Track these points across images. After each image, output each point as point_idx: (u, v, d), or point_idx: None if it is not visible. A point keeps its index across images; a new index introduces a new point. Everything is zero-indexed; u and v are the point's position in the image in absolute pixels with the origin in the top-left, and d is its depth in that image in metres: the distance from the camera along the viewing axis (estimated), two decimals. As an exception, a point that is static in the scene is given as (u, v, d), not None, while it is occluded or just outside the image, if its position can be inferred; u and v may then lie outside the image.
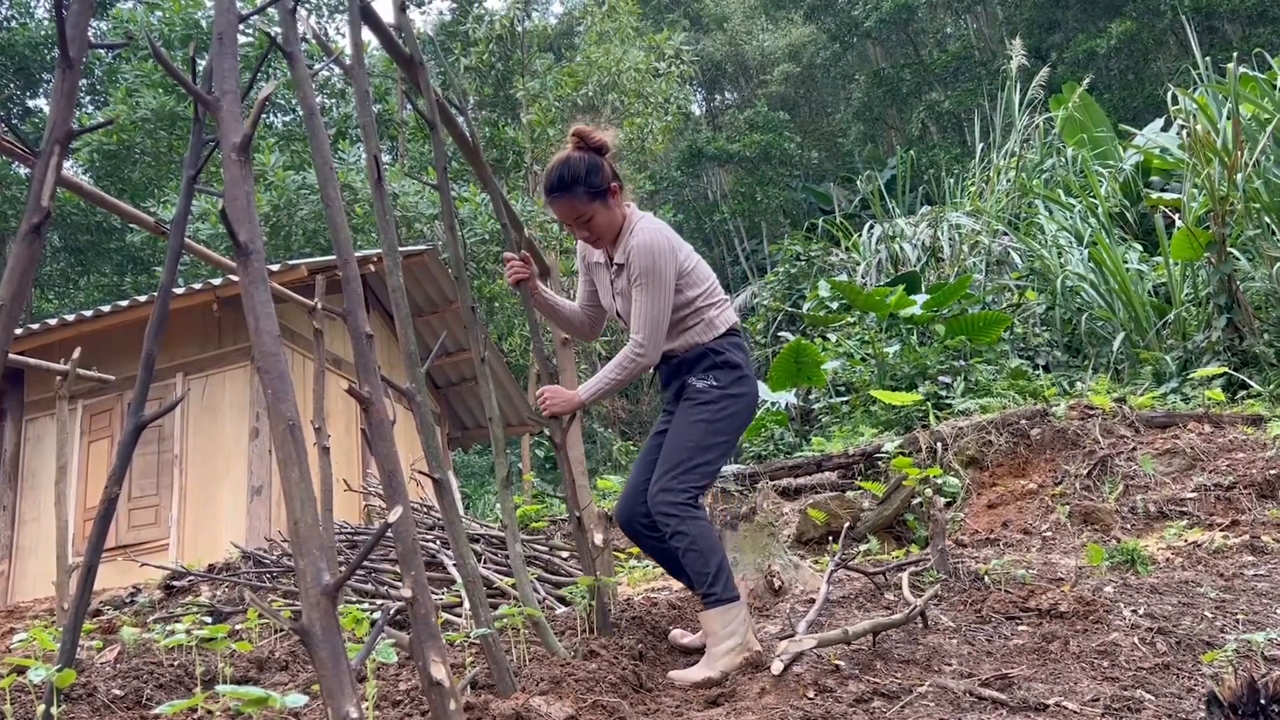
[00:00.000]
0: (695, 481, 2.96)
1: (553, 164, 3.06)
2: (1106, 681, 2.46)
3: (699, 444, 2.98)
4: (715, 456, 3.01)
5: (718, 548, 2.94)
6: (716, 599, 2.87)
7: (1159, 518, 4.93)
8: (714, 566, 2.89)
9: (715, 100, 35.23)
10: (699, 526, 2.91)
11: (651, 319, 2.97)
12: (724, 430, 3.02)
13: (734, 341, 3.12)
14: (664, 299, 2.98)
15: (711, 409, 3.01)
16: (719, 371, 3.05)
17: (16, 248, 1.48)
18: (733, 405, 3.03)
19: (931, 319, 9.57)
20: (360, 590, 4.37)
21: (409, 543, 1.71)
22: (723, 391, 3.03)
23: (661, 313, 2.98)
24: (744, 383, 3.08)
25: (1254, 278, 8.28)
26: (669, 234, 3.07)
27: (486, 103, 19.48)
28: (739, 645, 2.82)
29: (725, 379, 3.04)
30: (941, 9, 29.19)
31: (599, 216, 3.02)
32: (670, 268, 2.99)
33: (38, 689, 2.78)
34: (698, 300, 3.07)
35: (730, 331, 3.12)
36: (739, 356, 3.09)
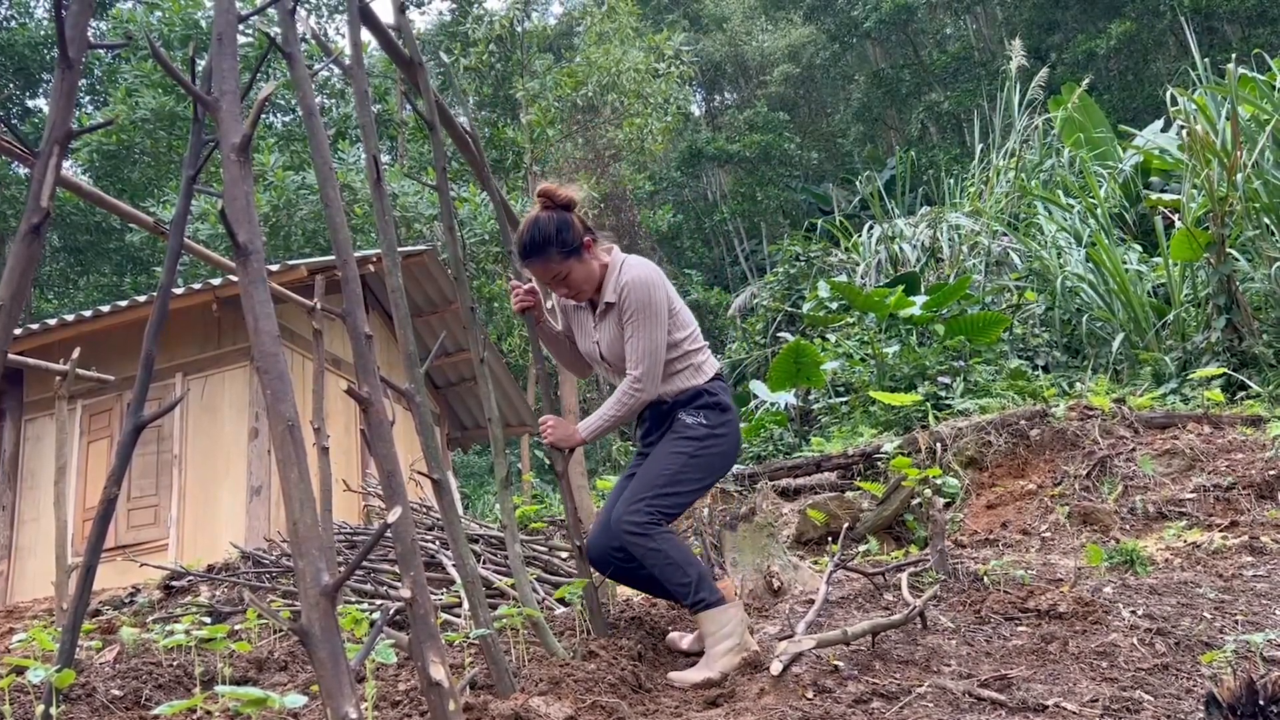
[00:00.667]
0: (663, 507, 2.94)
1: (523, 227, 3.08)
2: (1105, 682, 2.46)
3: (675, 474, 2.97)
4: (688, 490, 3.00)
5: (692, 557, 2.94)
6: (705, 603, 2.87)
7: (1158, 518, 4.93)
8: (693, 575, 2.89)
9: (715, 101, 35.24)
10: (668, 540, 2.91)
11: (649, 352, 2.99)
12: (702, 467, 3.02)
13: (722, 386, 3.14)
14: (659, 331, 3.00)
15: (695, 444, 3.01)
16: (710, 411, 3.06)
17: (16, 248, 1.48)
18: (717, 445, 3.04)
19: (931, 319, 9.57)
20: (359, 590, 4.37)
21: (408, 543, 1.71)
22: (710, 430, 3.03)
23: (658, 345, 3.00)
24: (730, 426, 3.09)
25: (1253, 278, 8.28)
26: (657, 274, 3.08)
27: (486, 103, 19.49)
28: (737, 645, 2.83)
29: (714, 419, 3.05)
30: (941, 9, 29.20)
31: (575, 272, 3.05)
32: (663, 301, 3.03)
33: (37, 689, 2.78)
34: (685, 344, 3.09)
35: (718, 377, 3.14)
36: (728, 400, 3.11)
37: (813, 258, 13.97)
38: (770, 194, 27.23)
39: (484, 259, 15.58)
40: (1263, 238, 8.28)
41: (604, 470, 15.59)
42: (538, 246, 3.02)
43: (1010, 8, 27.26)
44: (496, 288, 15.68)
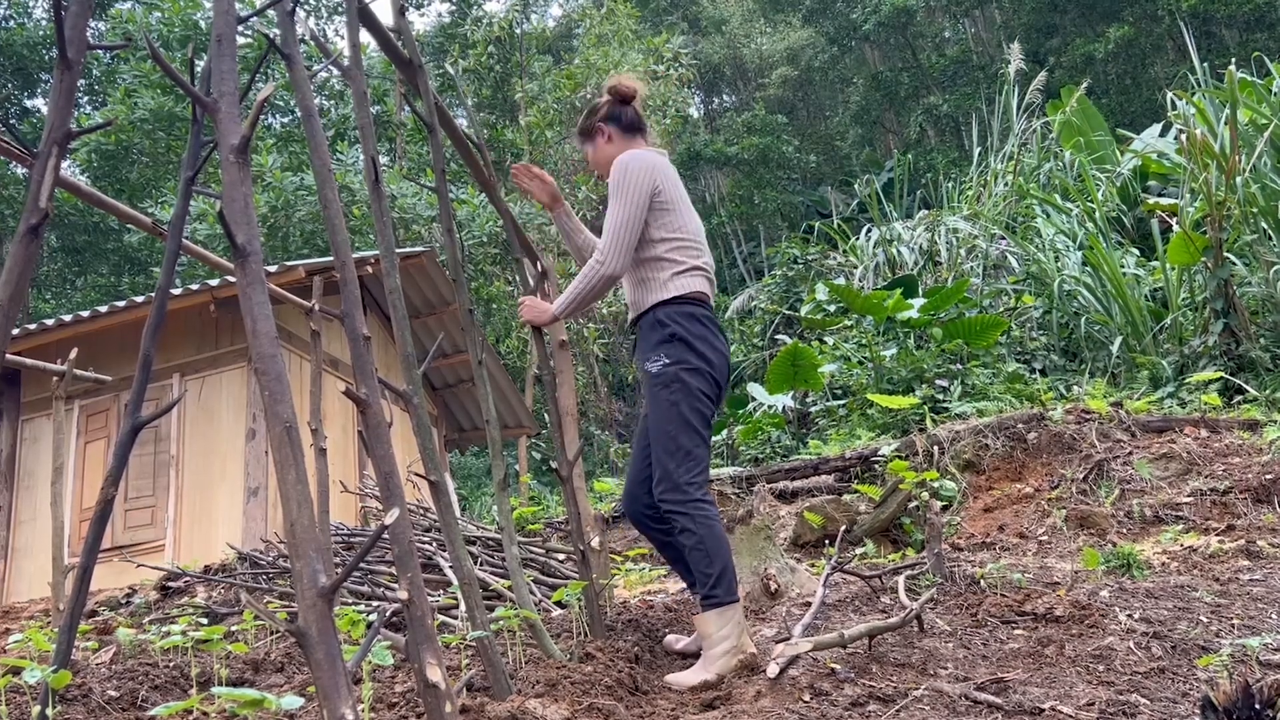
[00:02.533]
0: (691, 467, 2.91)
1: None
2: (1102, 686, 2.46)
3: (676, 430, 2.93)
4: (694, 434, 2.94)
5: (723, 549, 2.88)
6: (717, 601, 2.84)
7: (1155, 522, 4.93)
8: (718, 569, 2.85)
9: (713, 103, 35.25)
10: (707, 525, 2.86)
11: (615, 227, 2.98)
12: (693, 406, 2.95)
13: (685, 311, 3.01)
14: (629, 210, 2.98)
15: (670, 390, 2.94)
16: (667, 347, 2.97)
17: (14, 248, 1.48)
18: (692, 378, 2.95)
19: (928, 322, 9.57)
20: (356, 592, 4.37)
21: (405, 545, 1.71)
22: (677, 368, 2.95)
23: (624, 222, 2.98)
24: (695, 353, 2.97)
25: (1251, 282, 8.29)
26: (654, 160, 3.09)
27: (485, 105, 19.49)
28: (734, 648, 2.80)
29: (675, 353, 2.96)
30: (940, 12, 29.23)
31: (591, 152, 3.31)
32: (642, 183, 3.00)
33: (33, 690, 2.78)
34: (659, 250, 3.04)
35: (683, 300, 3.02)
36: (687, 327, 2.98)
37: (810, 260, 13.98)
38: (768, 196, 27.24)
39: (482, 261, 15.58)
40: (1260, 242, 8.29)
41: (600, 472, 15.58)
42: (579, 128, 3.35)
43: (1009, 11, 27.30)
44: (495, 289, 15.68)
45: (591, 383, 18.37)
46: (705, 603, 2.86)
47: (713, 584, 2.84)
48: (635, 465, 3.18)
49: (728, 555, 2.90)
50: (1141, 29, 23.40)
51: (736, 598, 2.87)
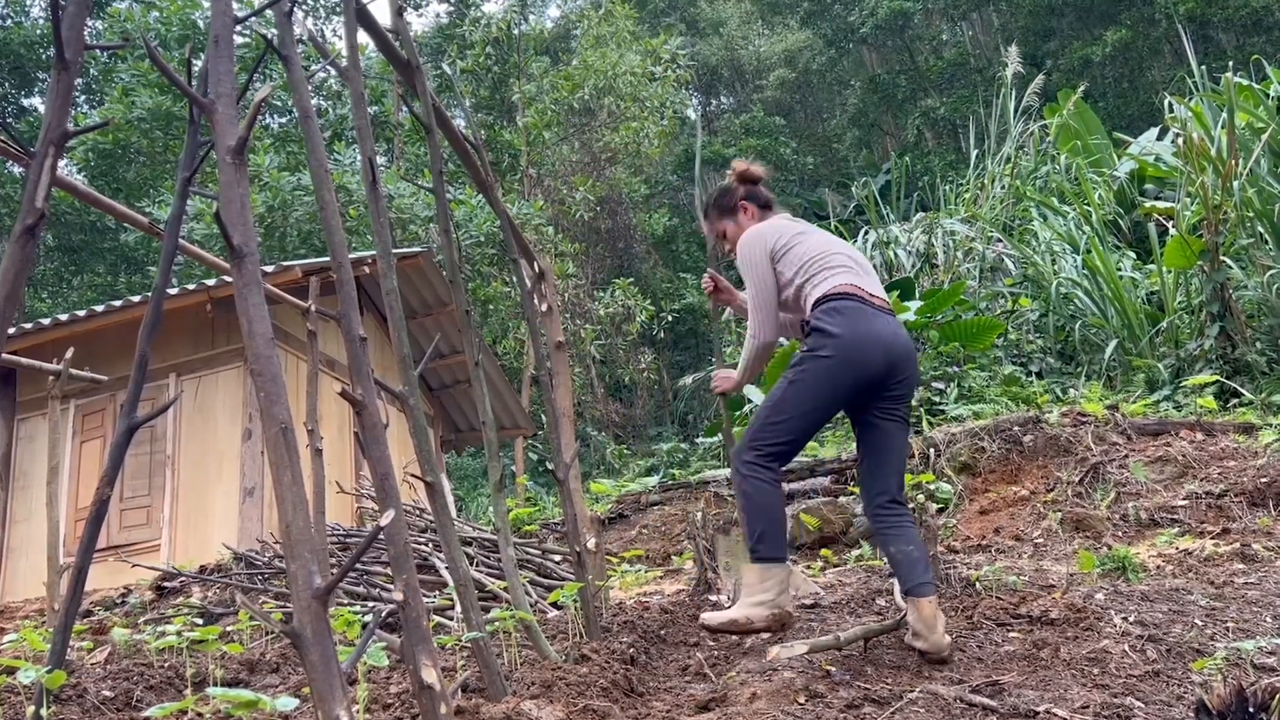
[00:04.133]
0: (767, 440, 3.07)
1: None
2: (1096, 689, 2.46)
3: (776, 403, 3.11)
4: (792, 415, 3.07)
5: (769, 510, 3.04)
6: (760, 556, 3.03)
7: (1150, 525, 4.94)
8: (760, 527, 3.02)
9: (711, 105, 35.25)
10: (759, 487, 3.04)
11: (753, 303, 3.30)
12: (801, 390, 3.07)
13: (828, 307, 3.14)
14: (758, 283, 3.28)
15: (794, 370, 3.12)
16: (810, 338, 3.15)
17: (10, 248, 1.48)
18: (812, 365, 3.08)
19: (925, 325, 9.58)
20: (352, 593, 4.37)
21: (401, 546, 1.71)
22: (807, 353, 3.12)
23: (759, 297, 3.28)
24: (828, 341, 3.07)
25: (1247, 286, 8.30)
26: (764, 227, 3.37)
27: (483, 105, 19.49)
28: (770, 601, 2.97)
29: (813, 343, 3.12)
30: (937, 15, 29.25)
31: (729, 231, 3.55)
32: (757, 253, 3.30)
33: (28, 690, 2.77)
34: (796, 279, 3.25)
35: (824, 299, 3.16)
36: (827, 320, 3.11)
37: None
38: (766, 198, 27.23)
39: (480, 261, 15.57)
40: (1256, 246, 8.31)
41: (597, 473, 15.57)
42: (705, 209, 3.66)
43: (1006, 14, 27.31)
44: (492, 290, 15.67)
45: (588, 384, 18.38)
46: (752, 554, 3.06)
47: (756, 539, 3.04)
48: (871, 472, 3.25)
49: (775, 516, 3.05)
50: (1139, 32, 23.42)
51: (780, 557, 3.03)
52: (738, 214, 3.54)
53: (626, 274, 19.56)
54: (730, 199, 3.55)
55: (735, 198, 3.55)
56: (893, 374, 3.10)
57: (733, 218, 3.55)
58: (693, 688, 2.77)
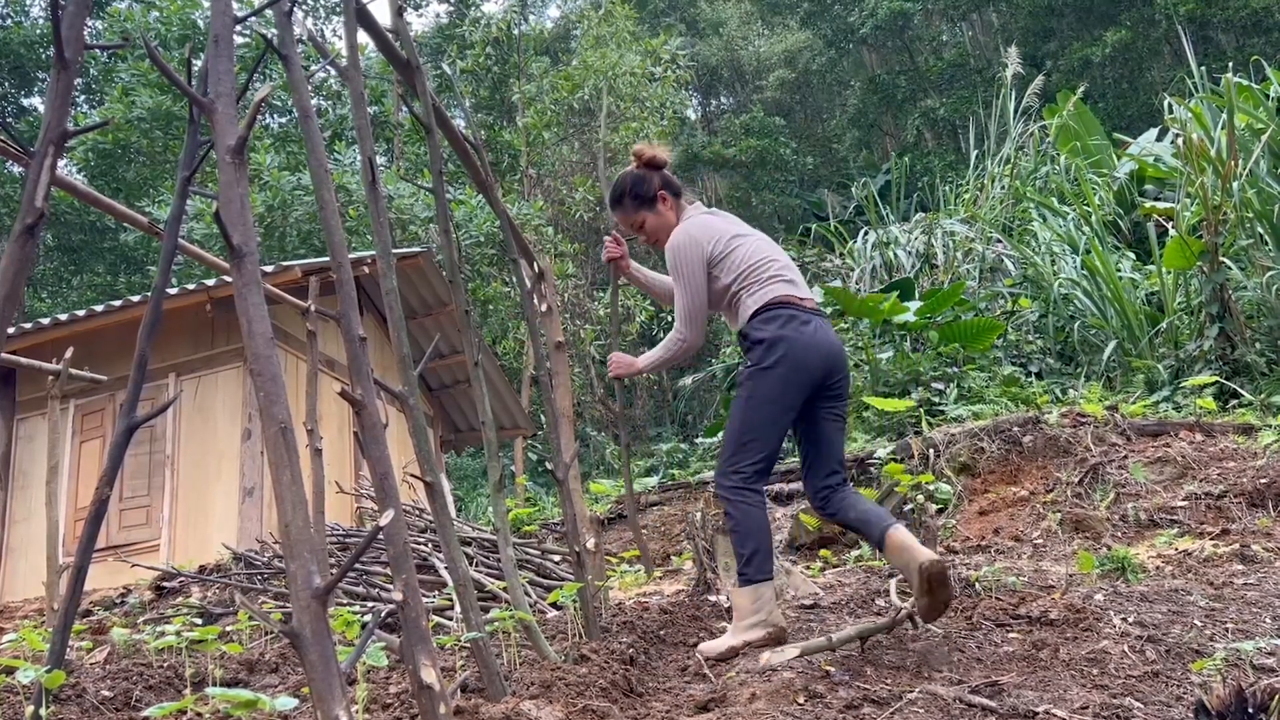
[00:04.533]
0: (747, 459, 3.15)
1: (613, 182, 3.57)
2: (1096, 689, 2.47)
3: (742, 423, 3.18)
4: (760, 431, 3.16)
5: (758, 534, 3.13)
6: (747, 579, 3.11)
7: (1150, 526, 4.94)
8: (749, 549, 3.11)
9: (711, 105, 35.25)
10: (745, 511, 3.13)
11: (684, 309, 3.31)
12: (761, 403, 3.16)
13: (767, 316, 3.22)
14: (691, 289, 3.29)
15: (745, 388, 3.20)
16: (750, 353, 3.23)
17: (10, 248, 1.48)
18: (765, 377, 3.16)
19: (925, 325, 9.58)
20: (351, 592, 4.37)
21: (400, 546, 1.71)
22: (754, 368, 3.19)
23: (690, 302, 3.30)
24: (774, 351, 3.16)
25: (1246, 287, 8.30)
26: (696, 230, 3.36)
27: (483, 105, 19.49)
28: (763, 621, 3.06)
29: (756, 356, 3.20)
30: (937, 16, 29.25)
31: (649, 221, 3.49)
32: (693, 260, 3.30)
33: (27, 690, 2.77)
34: (733, 285, 3.30)
35: (763, 309, 3.23)
36: (768, 329, 3.19)
37: (807, 263, 13.98)
38: (765, 199, 27.25)
39: (480, 262, 15.57)
40: (1256, 247, 8.31)
41: (597, 473, 15.57)
42: (616, 198, 3.52)
43: (1006, 15, 27.32)
44: (492, 290, 15.67)
45: (588, 384, 18.38)
46: (739, 579, 3.14)
47: (744, 563, 3.12)
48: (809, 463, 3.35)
49: (762, 538, 3.14)
50: (1139, 33, 23.43)
51: (768, 576, 3.13)
52: (656, 204, 3.48)
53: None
54: (648, 188, 3.47)
55: (653, 187, 3.47)
56: (830, 375, 3.23)
57: (651, 208, 3.48)
58: (692, 688, 2.77)
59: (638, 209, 3.48)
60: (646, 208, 3.47)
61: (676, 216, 3.47)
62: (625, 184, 3.50)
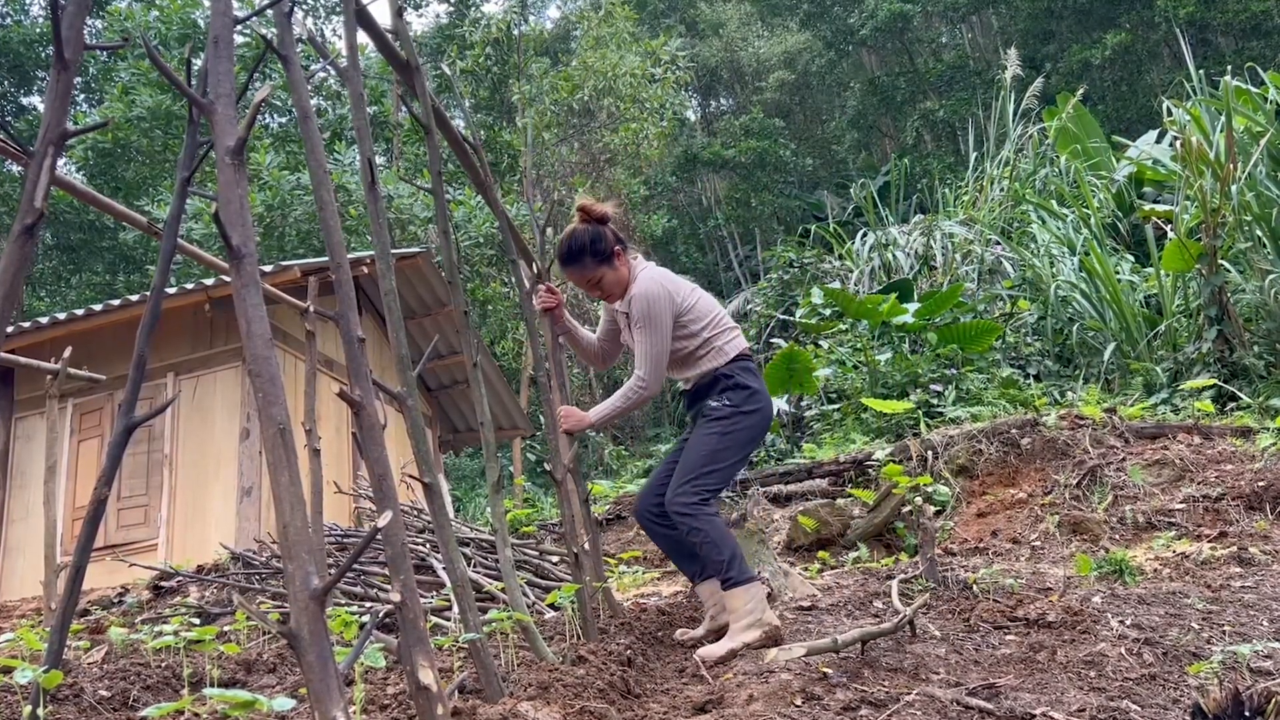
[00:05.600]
0: (707, 485, 3.29)
1: (562, 237, 3.54)
2: (1093, 692, 2.47)
3: (712, 454, 3.32)
4: (726, 465, 3.35)
5: (729, 538, 3.26)
6: (734, 581, 3.18)
7: (1147, 528, 4.94)
8: (727, 554, 3.21)
9: (710, 106, 35.25)
10: (710, 522, 3.24)
11: (650, 356, 3.37)
12: (735, 443, 3.35)
13: (744, 365, 3.45)
14: (659, 339, 3.37)
15: (724, 424, 3.34)
16: (732, 392, 3.38)
17: (9, 248, 1.48)
18: (744, 420, 3.36)
19: (923, 327, 9.59)
20: (349, 593, 4.37)
21: (398, 547, 1.72)
22: (735, 409, 3.36)
23: (659, 351, 3.37)
24: (756, 400, 3.40)
25: (1244, 290, 8.31)
26: (665, 281, 3.45)
27: (482, 106, 19.49)
28: (758, 621, 3.12)
29: (738, 398, 3.38)
30: (937, 18, 29.26)
31: (606, 278, 3.49)
32: (665, 311, 3.38)
33: (24, 689, 2.77)
34: (704, 333, 3.44)
35: (740, 357, 3.45)
36: (750, 379, 3.43)
37: (806, 264, 13.99)
38: (765, 200, 27.25)
39: (479, 262, 15.57)
40: (1254, 250, 8.32)
41: (595, 475, 15.58)
42: (574, 255, 3.48)
43: (1006, 17, 27.33)
44: (491, 290, 15.66)
45: (586, 385, 18.37)
46: (725, 584, 3.21)
47: (727, 567, 3.20)
48: (657, 477, 3.54)
49: (734, 542, 3.27)
50: (1138, 36, 23.44)
51: (752, 576, 3.23)
52: (613, 260, 3.48)
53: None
54: (606, 246, 3.46)
55: (610, 244, 3.47)
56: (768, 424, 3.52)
57: (609, 264, 3.47)
58: (689, 689, 2.77)
59: (597, 265, 3.46)
60: (605, 264, 3.47)
61: (629, 271, 3.52)
62: (583, 241, 3.46)
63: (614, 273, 3.49)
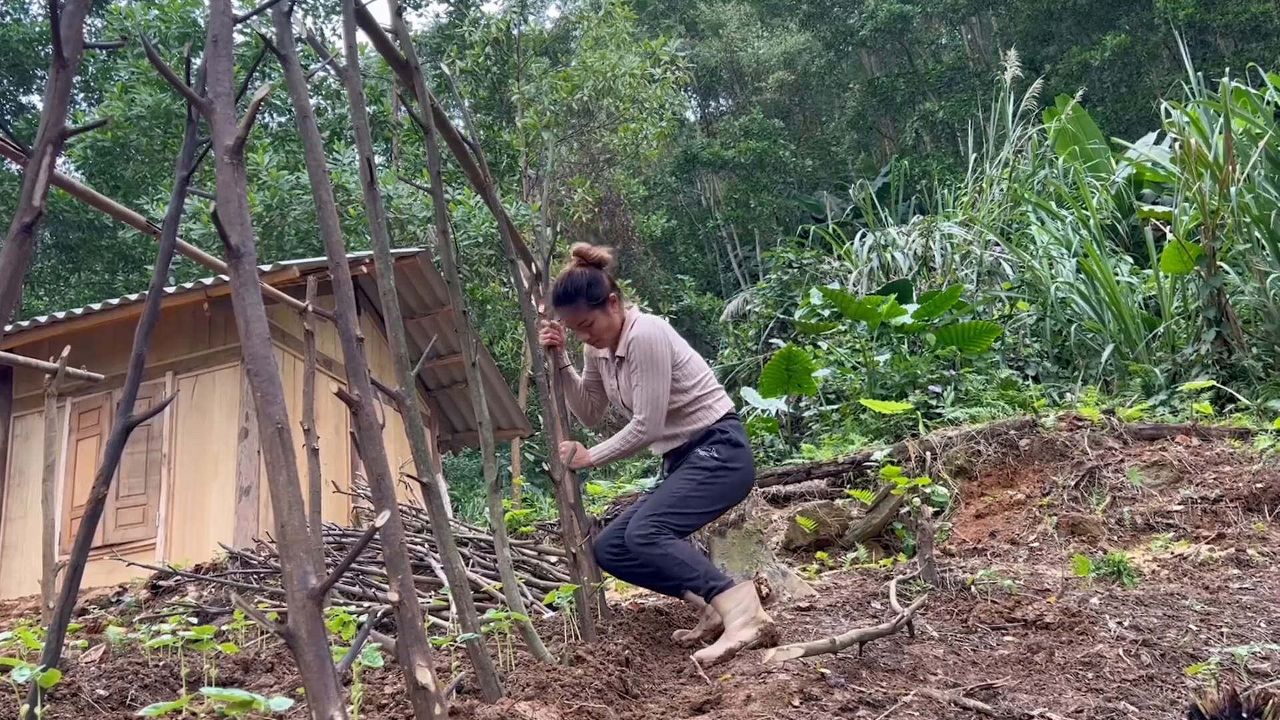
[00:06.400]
0: (670, 523, 3.33)
1: (559, 279, 3.57)
2: (1090, 693, 2.47)
3: (684, 496, 3.37)
4: (696, 511, 3.40)
5: (696, 555, 3.32)
6: (716, 590, 3.21)
7: (1145, 530, 4.94)
8: (700, 570, 3.27)
9: (710, 107, 35.27)
10: (673, 544, 3.30)
11: (651, 400, 3.42)
12: (710, 494, 3.40)
13: (734, 424, 3.53)
14: (661, 382, 3.43)
15: (705, 473, 3.40)
16: (721, 446, 3.45)
17: (7, 247, 1.48)
18: (726, 476, 3.42)
19: (922, 328, 9.59)
20: (347, 592, 4.37)
21: (396, 547, 1.72)
22: (720, 463, 3.42)
23: (659, 394, 3.42)
24: (741, 459, 3.46)
25: (1243, 292, 8.31)
26: (664, 328, 3.54)
27: (482, 106, 19.48)
28: (753, 619, 3.13)
29: (726, 453, 3.44)
30: (936, 19, 29.29)
31: (599, 322, 3.54)
32: (665, 356, 3.45)
33: (22, 689, 2.77)
34: (694, 390, 3.51)
35: (730, 415, 3.53)
36: (740, 437, 3.50)
37: (805, 265, 14.00)
38: (764, 200, 27.27)
39: (478, 262, 15.56)
40: (1253, 252, 8.32)
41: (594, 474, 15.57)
42: (569, 296, 3.52)
43: (1005, 19, 27.36)
44: (490, 290, 15.66)
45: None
46: (709, 595, 3.23)
47: (705, 581, 3.24)
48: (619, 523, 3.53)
49: (700, 558, 3.34)
50: (1137, 37, 23.46)
51: (731, 580, 3.27)
52: (608, 306, 3.53)
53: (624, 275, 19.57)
54: (602, 291, 3.51)
55: (605, 289, 3.52)
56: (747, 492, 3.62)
57: (603, 309, 3.53)
58: (687, 690, 2.77)
59: (590, 309, 3.51)
60: (599, 308, 3.52)
61: (621, 320, 3.57)
62: (580, 284, 3.51)
63: (606, 318, 3.53)
